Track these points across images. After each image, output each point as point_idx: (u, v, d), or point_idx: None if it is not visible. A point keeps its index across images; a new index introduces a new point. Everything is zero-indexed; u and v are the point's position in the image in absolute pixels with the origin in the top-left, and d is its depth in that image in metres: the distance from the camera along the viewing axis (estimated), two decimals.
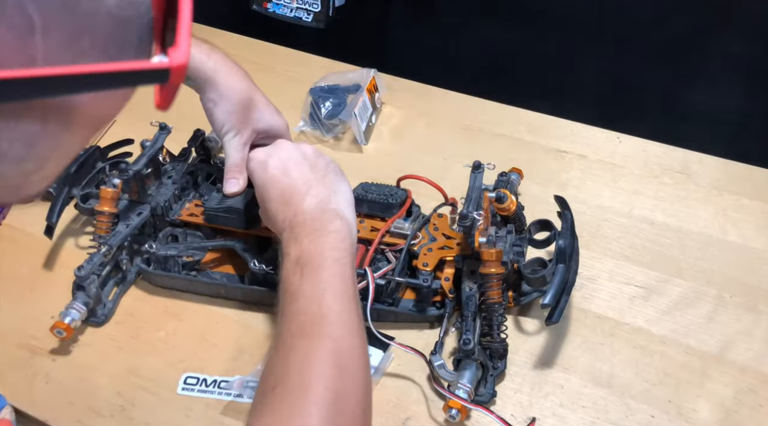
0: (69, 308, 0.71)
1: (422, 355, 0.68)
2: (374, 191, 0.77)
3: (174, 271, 0.76)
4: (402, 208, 0.76)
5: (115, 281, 0.78)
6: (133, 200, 0.79)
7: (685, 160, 0.97)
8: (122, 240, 0.76)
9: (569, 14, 1.27)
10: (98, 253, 0.73)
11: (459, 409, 0.63)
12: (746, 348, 0.73)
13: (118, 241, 0.75)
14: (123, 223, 0.77)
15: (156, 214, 0.79)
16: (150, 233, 0.80)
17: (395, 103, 1.07)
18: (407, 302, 0.74)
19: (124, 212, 0.78)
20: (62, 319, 0.70)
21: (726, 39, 1.20)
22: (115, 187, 0.76)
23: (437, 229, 0.76)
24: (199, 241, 0.79)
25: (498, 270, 0.68)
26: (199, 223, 0.79)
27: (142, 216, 0.78)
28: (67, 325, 0.69)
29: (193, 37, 0.27)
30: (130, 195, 0.79)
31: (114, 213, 0.76)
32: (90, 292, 0.72)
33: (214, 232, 0.80)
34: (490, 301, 0.68)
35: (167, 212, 0.79)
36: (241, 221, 0.76)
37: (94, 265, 0.73)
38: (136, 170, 0.77)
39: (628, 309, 0.77)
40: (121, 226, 0.76)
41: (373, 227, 0.75)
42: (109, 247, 0.74)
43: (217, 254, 0.79)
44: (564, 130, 1.03)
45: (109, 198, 0.76)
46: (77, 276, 0.71)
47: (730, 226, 0.87)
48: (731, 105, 1.27)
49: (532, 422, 0.65)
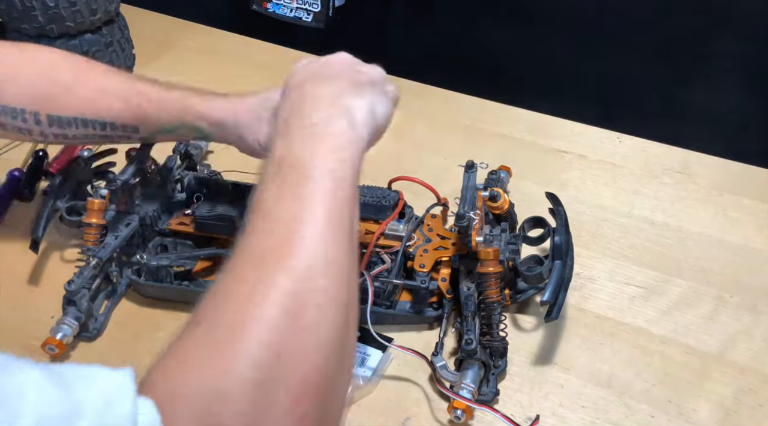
0: (60, 324, 0.69)
1: (423, 357, 0.68)
2: (366, 194, 0.77)
3: (167, 281, 0.75)
4: (395, 210, 0.76)
5: (106, 294, 0.77)
6: (121, 211, 0.78)
7: (685, 160, 0.98)
8: (112, 252, 0.74)
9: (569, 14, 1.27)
10: (88, 266, 0.72)
11: (464, 410, 0.63)
12: (746, 348, 0.73)
13: (107, 254, 0.73)
14: (112, 235, 0.75)
15: (145, 224, 0.78)
16: (138, 244, 0.78)
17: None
18: (404, 304, 0.74)
19: (112, 223, 0.77)
20: (54, 336, 0.69)
21: (726, 39, 1.20)
22: (103, 198, 0.75)
23: (431, 229, 0.76)
24: (190, 250, 0.78)
25: (496, 269, 0.68)
26: (189, 232, 0.78)
27: (130, 227, 0.77)
28: (59, 342, 0.68)
29: None
30: (118, 206, 0.78)
31: (102, 224, 0.75)
32: (81, 307, 0.71)
33: (205, 240, 0.79)
34: (489, 300, 0.68)
35: (156, 222, 0.79)
36: (233, 228, 0.75)
37: (85, 279, 0.71)
38: (123, 180, 0.76)
39: (628, 309, 0.77)
40: (109, 238, 0.75)
41: (367, 230, 0.75)
42: (99, 260, 0.72)
43: (209, 263, 0.78)
44: (564, 130, 1.03)
45: (96, 209, 0.75)
46: (68, 290, 0.69)
47: (730, 226, 0.87)
48: (731, 105, 1.27)
49: (536, 420, 0.65)
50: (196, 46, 1.22)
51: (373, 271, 0.71)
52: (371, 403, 0.67)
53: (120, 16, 1.11)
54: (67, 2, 1.00)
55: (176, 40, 1.23)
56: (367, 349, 0.70)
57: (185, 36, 1.24)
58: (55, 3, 0.99)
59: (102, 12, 1.05)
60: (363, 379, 0.67)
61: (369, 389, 0.68)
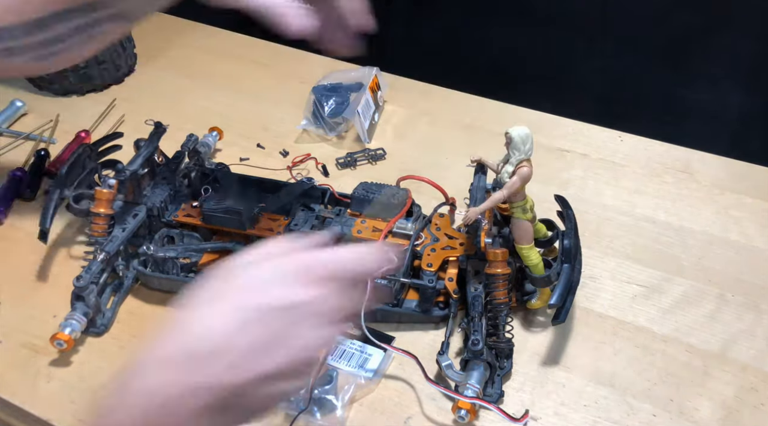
0: (69, 319, 0.69)
1: (414, 358, 0.67)
2: (375, 191, 0.77)
3: (173, 273, 0.75)
4: (403, 209, 0.76)
5: (113, 289, 0.77)
6: (129, 201, 0.78)
7: (686, 158, 0.97)
8: (119, 245, 0.74)
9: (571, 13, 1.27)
10: (96, 260, 0.72)
11: (468, 410, 0.63)
12: (748, 347, 0.73)
13: (115, 247, 0.74)
14: (119, 227, 0.75)
15: (152, 215, 0.78)
16: (144, 235, 0.78)
17: (397, 101, 1.07)
18: (410, 303, 0.74)
19: (120, 214, 0.77)
20: (62, 331, 0.69)
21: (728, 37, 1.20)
22: (111, 188, 0.75)
23: (439, 229, 0.76)
24: (197, 243, 0.78)
25: (504, 270, 0.67)
26: (196, 224, 0.78)
27: (138, 218, 0.77)
28: (68, 337, 0.68)
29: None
30: (126, 196, 0.78)
31: (110, 214, 0.75)
32: (89, 302, 0.71)
33: (211, 233, 0.79)
34: (496, 302, 0.68)
35: (163, 213, 0.79)
36: (240, 222, 0.76)
37: (93, 274, 0.71)
38: (132, 170, 0.76)
39: (630, 308, 0.77)
40: (117, 230, 0.75)
41: (374, 228, 0.75)
42: (107, 254, 0.72)
43: (215, 256, 0.78)
44: (565, 129, 1.03)
45: (104, 199, 0.75)
46: (76, 286, 0.70)
47: (731, 224, 0.87)
48: (733, 103, 1.27)
49: (525, 414, 0.65)
50: (198, 45, 1.22)
51: None
52: (372, 403, 0.67)
53: None
54: (95, 61, 1.06)
55: (177, 39, 1.23)
56: (368, 349, 0.70)
57: (186, 35, 1.24)
58: (85, 64, 1.05)
59: (125, 67, 1.12)
60: (364, 378, 0.67)
61: (370, 388, 0.68)
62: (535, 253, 0.70)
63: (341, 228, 0.75)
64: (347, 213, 0.78)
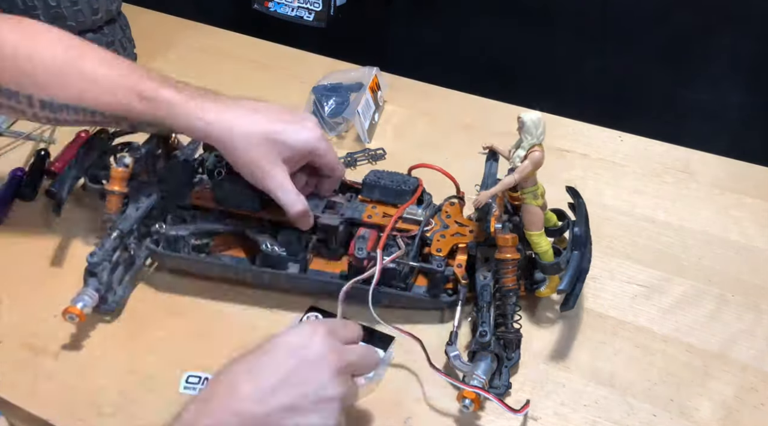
0: (81, 294, 0.70)
1: (418, 340, 0.67)
2: (386, 178, 0.77)
3: (184, 251, 0.76)
4: (414, 195, 0.76)
5: (125, 267, 0.77)
6: (143, 181, 0.78)
7: (686, 158, 0.98)
8: (133, 224, 0.75)
9: (571, 12, 1.27)
10: (109, 238, 0.72)
11: (473, 399, 0.63)
12: (748, 346, 0.73)
13: (129, 226, 0.74)
14: (133, 206, 0.76)
15: (165, 196, 0.78)
16: (158, 216, 0.79)
17: (397, 101, 1.07)
18: (419, 289, 0.74)
19: (134, 193, 0.77)
20: (74, 305, 0.69)
21: (728, 37, 1.20)
22: (126, 167, 0.76)
23: (449, 216, 0.76)
24: (209, 224, 0.78)
25: (513, 256, 0.67)
26: (209, 206, 0.78)
27: (152, 197, 0.77)
28: (80, 311, 0.69)
29: None
30: (141, 175, 0.78)
31: (124, 193, 0.76)
32: (102, 279, 0.71)
33: (224, 215, 0.79)
34: (505, 289, 0.68)
35: (177, 194, 0.79)
36: (254, 204, 0.76)
37: (106, 252, 0.72)
38: (148, 149, 0.77)
39: (630, 308, 0.77)
40: (131, 209, 0.76)
41: (385, 213, 0.75)
42: (120, 231, 0.73)
43: (227, 239, 0.78)
44: (566, 128, 1.03)
45: (119, 178, 0.75)
46: (89, 262, 0.70)
47: (731, 224, 0.87)
48: (733, 103, 1.26)
49: (526, 404, 0.65)
50: (198, 45, 1.22)
51: (388, 256, 0.70)
52: (373, 403, 0.67)
53: (121, 15, 1.11)
54: (68, 1, 1.00)
55: (177, 39, 1.23)
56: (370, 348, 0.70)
57: (187, 35, 1.24)
58: (56, 2, 0.99)
59: (104, 11, 1.05)
60: (365, 378, 0.67)
61: (371, 388, 0.68)
62: (545, 240, 0.70)
63: (352, 213, 0.76)
64: (358, 199, 0.78)
